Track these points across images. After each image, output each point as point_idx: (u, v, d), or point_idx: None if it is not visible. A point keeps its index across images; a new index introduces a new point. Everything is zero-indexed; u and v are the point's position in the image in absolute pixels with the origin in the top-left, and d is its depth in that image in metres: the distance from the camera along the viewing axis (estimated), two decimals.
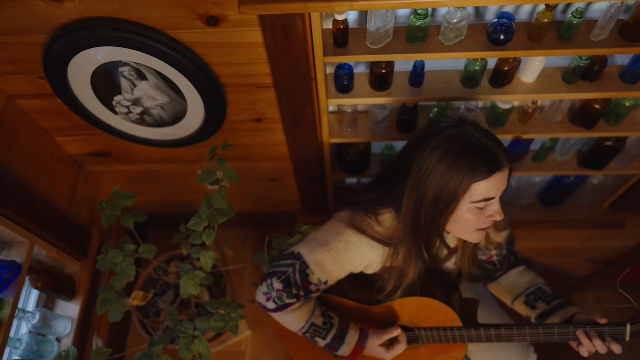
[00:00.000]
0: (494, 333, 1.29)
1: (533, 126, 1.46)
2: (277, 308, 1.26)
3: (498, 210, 1.08)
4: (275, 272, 1.24)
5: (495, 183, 1.03)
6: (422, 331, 1.38)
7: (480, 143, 1.02)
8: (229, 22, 1.08)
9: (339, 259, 1.21)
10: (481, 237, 1.14)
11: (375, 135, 1.48)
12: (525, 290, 1.43)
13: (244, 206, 2.03)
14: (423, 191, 1.07)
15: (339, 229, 1.21)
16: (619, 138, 1.49)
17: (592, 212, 1.88)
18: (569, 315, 1.30)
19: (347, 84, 1.29)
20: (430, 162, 1.04)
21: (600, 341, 1.15)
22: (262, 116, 1.41)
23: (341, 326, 1.33)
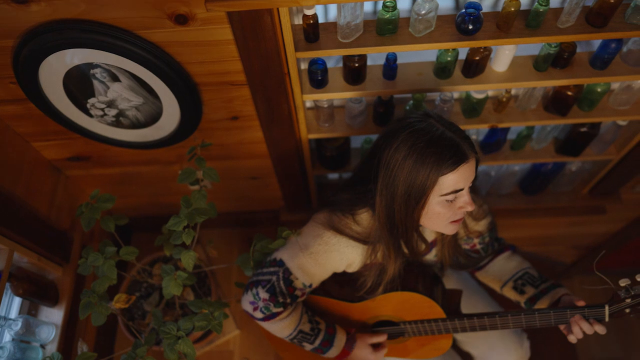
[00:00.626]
0: (477, 323, 1.31)
1: (508, 115, 1.47)
2: (264, 317, 1.27)
3: (468, 201, 1.09)
4: (260, 281, 1.26)
5: (462, 174, 1.05)
6: (408, 325, 1.40)
7: (444, 136, 1.04)
8: (198, 20, 1.08)
9: (320, 261, 1.22)
10: (455, 229, 1.16)
11: (352, 130, 1.49)
12: (512, 276, 1.44)
13: (228, 206, 2.03)
14: (393, 188, 1.09)
15: (317, 231, 1.22)
16: (593, 124, 1.51)
17: (572, 199, 1.90)
18: (557, 297, 1.32)
19: (321, 79, 1.30)
20: (396, 158, 1.06)
21: (586, 323, 1.17)
22: (239, 114, 1.41)
23: (328, 331, 1.36)
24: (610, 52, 1.24)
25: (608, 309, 1.15)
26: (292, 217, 1.96)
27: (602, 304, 1.16)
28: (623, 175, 1.72)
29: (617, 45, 1.22)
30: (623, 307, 1.14)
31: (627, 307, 1.13)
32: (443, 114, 1.46)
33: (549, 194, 1.91)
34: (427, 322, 1.36)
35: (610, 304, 1.15)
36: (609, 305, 1.15)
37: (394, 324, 1.43)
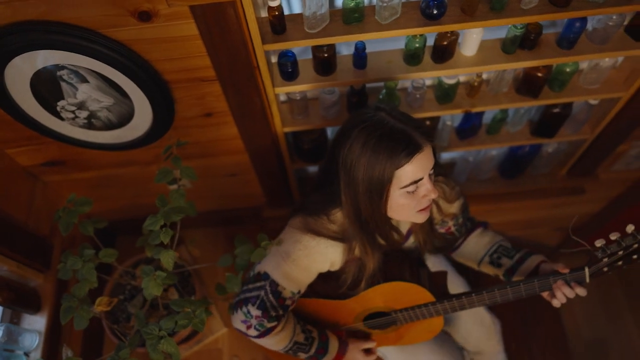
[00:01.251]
0: (466, 301, 1.32)
1: (481, 99, 1.48)
2: (259, 334, 1.27)
3: (430, 189, 1.09)
4: (249, 298, 1.24)
5: (419, 164, 1.04)
6: (399, 313, 1.41)
7: (395, 129, 1.03)
8: (161, 16, 1.07)
9: (303, 266, 1.22)
10: (425, 217, 1.16)
11: (327, 121, 1.49)
12: (487, 251, 1.46)
13: (210, 204, 2.02)
14: (354, 187, 1.09)
15: (295, 236, 1.22)
16: (565, 104, 1.52)
17: (551, 181, 1.92)
18: (534, 265, 1.33)
19: (292, 71, 1.30)
20: (352, 157, 1.06)
21: (568, 287, 1.20)
22: (212, 110, 1.41)
23: (321, 338, 1.37)
24: (575, 31, 1.25)
25: (588, 270, 1.18)
26: (275, 213, 1.96)
27: (582, 267, 1.18)
28: (599, 154, 1.74)
29: (581, 24, 1.24)
30: (601, 266, 1.17)
31: (605, 266, 1.17)
32: (416, 101, 1.47)
33: (527, 176, 1.93)
34: (417, 308, 1.37)
35: (589, 265, 1.18)
36: (588, 267, 1.18)
37: (385, 314, 1.43)
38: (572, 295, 1.21)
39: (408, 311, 1.39)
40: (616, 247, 1.12)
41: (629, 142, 1.73)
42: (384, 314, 1.43)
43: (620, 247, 1.11)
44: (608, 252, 1.13)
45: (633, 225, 1.12)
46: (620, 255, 1.14)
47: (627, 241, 1.11)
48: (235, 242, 1.49)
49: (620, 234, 1.13)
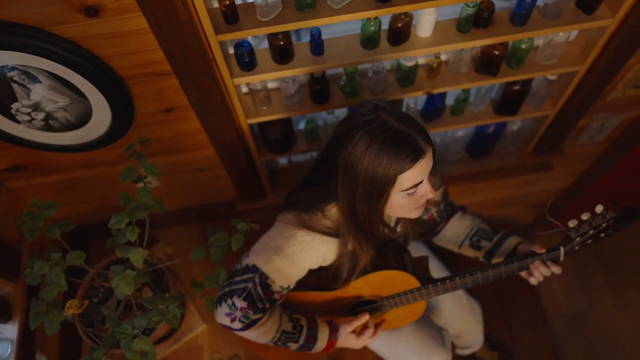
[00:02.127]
0: (449, 285, 1.35)
1: (441, 80, 1.49)
2: (244, 326, 1.23)
3: (429, 190, 1.10)
4: (235, 290, 1.20)
5: (421, 169, 1.05)
6: (385, 300, 1.42)
7: (399, 133, 1.02)
8: (109, 10, 1.06)
9: (296, 262, 1.20)
10: (420, 212, 1.18)
11: (291, 110, 1.49)
12: (467, 234, 1.50)
13: (183, 202, 2.01)
14: (353, 188, 1.08)
15: (289, 231, 1.19)
16: (524, 81, 1.54)
17: (518, 158, 1.95)
18: (512, 246, 1.39)
19: (249, 61, 1.29)
20: (354, 160, 1.04)
21: (544, 267, 1.26)
22: (172, 105, 1.39)
23: (310, 325, 1.33)
24: (527, 7, 1.27)
25: (563, 250, 1.24)
26: (248, 207, 1.95)
27: (557, 247, 1.24)
28: (562, 129, 1.77)
29: (532, 0, 1.25)
30: (574, 245, 1.23)
31: (577, 245, 1.23)
32: (378, 85, 1.47)
33: (495, 155, 1.95)
34: (403, 294, 1.38)
35: (564, 244, 1.24)
36: (563, 247, 1.23)
37: (371, 302, 1.44)
38: (549, 273, 1.26)
39: (394, 298, 1.40)
40: (587, 227, 1.18)
41: (590, 116, 1.76)
42: (371, 302, 1.44)
43: (591, 226, 1.17)
44: (580, 231, 1.18)
45: (602, 205, 1.17)
46: (591, 234, 1.19)
47: (597, 221, 1.17)
48: (208, 233, 1.49)
49: (591, 214, 1.18)
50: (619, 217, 1.19)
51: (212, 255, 1.46)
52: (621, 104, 1.71)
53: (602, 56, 1.42)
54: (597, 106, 1.70)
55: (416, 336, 1.62)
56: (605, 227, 1.20)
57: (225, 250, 1.46)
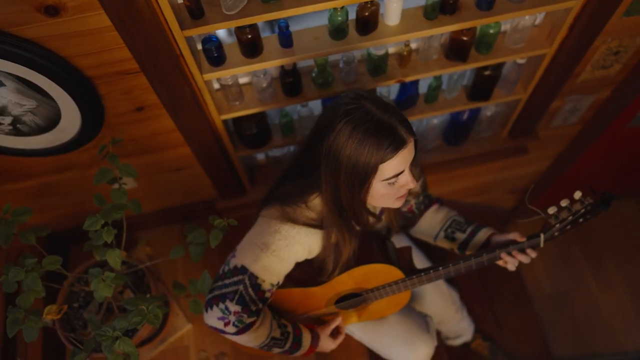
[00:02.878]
0: (433, 275, 1.37)
1: (412, 68, 1.50)
2: (238, 331, 1.20)
3: (410, 180, 1.11)
4: (226, 294, 1.18)
5: (402, 158, 1.05)
6: (370, 292, 1.43)
7: (381, 122, 1.02)
8: (69, 9, 1.04)
9: (283, 257, 1.19)
10: (402, 202, 1.19)
11: (264, 104, 1.49)
12: (442, 226, 1.53)
13: (163, 202, 1.99)
14: (336, 176, 1.09)
15: (273, 226, 1.18)
16: (494, 66, 1.56)
17: (494, 143, 1.97)
18: (485, 237, 1.43)
19: (218, 56, 1.28)
20: (336, 149, 1.05)
21: (523, 255, 1.30)
22: (143, 104, 1.38)
23: (295, 332, 1.35)
24: None
25: (543, 236, 1.27)
26: (228, 204, 1.94)
27: (537, 234, 1.28)
28: (535, 112, 1.80)
29: None
30: (554, 231, 1.26)
31: (556, 231, 1.27)
32: (350, 75, 1.48)
33: (472, 141, 1.97)
34: (387, 286, 1.39)
35: (544, 231, 1.27)
36: (543, 233, 1.27)
37: (356, 295, 1.45)
38: (528, 260, 1.30)
39: (379, 290, 1.41)
40: (566, 213, 1.21)
41: (562, 98, 1.79)
42: (355, 295, 1.44)
43: (570, 212, 1.21)
44: (560, 218, 1.22)
45: (580, 192, 1.20)
46: (570, 220, 1.23)
47: (576, 207, 1.20)
48: (185, 231, 1.48)
49: (570, 200, 1.21)
50: (597, 203, 1.22)
51: (191, 254, 1.45)
52: (591, 85, 1.74)
53: (568, 38, 1.44)
54: (568, 88, 1.72)
55: (400, 324, 1.64)
56: (583, 212, 1.23)
57: (204, 248, 1.46)
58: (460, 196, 2.51)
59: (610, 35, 1.49)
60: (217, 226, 1.37)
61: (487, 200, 2.65)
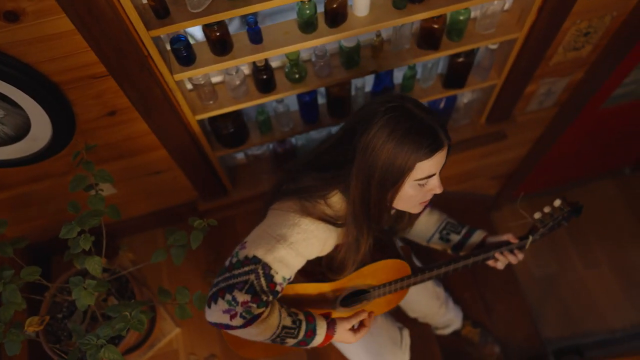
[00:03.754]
0: (435, 272, 1.42)
1: (386, 59, 1.50)
2: (245, 323, 1.13)
3: (437, 184, 1.13)
4: (234, 285, 1.11)
5: (437, 160, 1.08)
6: (376, 290, 1.43)
7: (423, 123, 1.05)
8: (29, 14, 1.02)
9: (300, 251, 1.15)
10: (422, 208, 1.20)
11: (238, 102, 1.47)
12: (437, 228, 1.58)
13: (144, 207, 1.97)
14: (370, 172, 1.08)
15: (292, 220, 1.15)
16: (467, 52, 1.56)
17: (473, 130, 1.98)
18: (480, 239, 1.51)
19: (187, 55, 1.27)
20: (375, 143, 1.05)
21: (512, 255, 1.41)
22: (114, 108, 1.36)
23: (308, 319, 1.27)
24: None
25: (531, 238, 1.39)
26: (210, 206, 1.93)
27: (526, 236, 1.40)
28: (511, 96, 1.81)
29: None
30: (537, 235, 1.39)
31: (539, 235, 1.39)
32: (323, 69, 1.47)
33: (451, 129, 1.97)
34: (394, 282, 1.41)
35: (532, 234, 1.39)
36: (532, 235, 1.38)
37: (362, 291, 1.43)
38: (516, 261, 1.41)
39: (385, 287, 1.41)
40: (549, 219, 1.36)
41: (537, 81, 1.80)
42: (360, 292, 1.43)
43: (552, 218, 1.36)
44: (544, 222, 1.36)
45: (559, 200, 1.36)
46: (550, 225, 1.37)
47: (556, 213, 1.35)
48: (166, 234, 1.46)
49: (551, 207, 1.35)
50: (571, 210, 1.36)
51: (173, 256, 1.44)
52: (564, 67, 1.75)
53: (538, 21, 1.44)
54: (541, 71, 1.74)
55: (373, 336, 1.62)
56: (560, 219, 1.36)
57: (185, 250, 1.44)
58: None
59: (579, 16, 1.50)
60: (197, 227, 1.36)
61: (470, 188, 2.67)
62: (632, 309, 2.71)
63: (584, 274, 2.83)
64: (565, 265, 2.85)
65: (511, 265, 2.71)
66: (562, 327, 2.67)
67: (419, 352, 2.02)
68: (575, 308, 2.73)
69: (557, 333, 2.64)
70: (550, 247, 2.90)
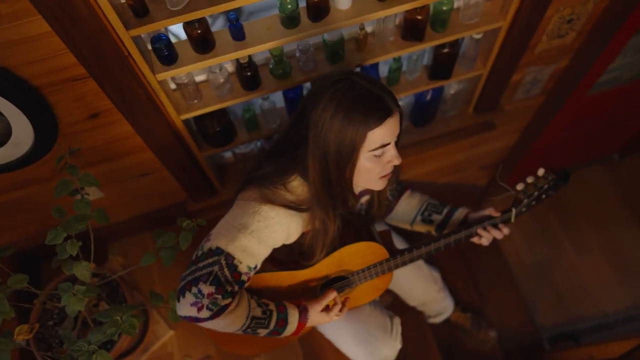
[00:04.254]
0: (415, 253, 1.39)
1: (370, 52, 1.49)
2: (212, 315, 1.13)
3: (395, 155, 1.12)
4: (199, 277, 1.11)
5: (389, 128, 1.07)
6: (355, 275, 1.42)
7: (369, 92, 1.05)
8: (4, 16, 1.00)
9: (262, 239, 1.15)
10: (384, 184, 1.20)
11: (223, 100, 1.46)
12: (418, 210, 1.55)
13: (133, 209, 1.95)
14: (324, 148, 1.08)
15: (252, 208, 1.15)
16: (452, 43, 1.55)
17: (461, 121, 1.98)
18: (462, 216, 1.46)
19: (169, 54, 1.25)
20: (325, 118, 1.06)
21: (496, 230, 1.36)
22: (97, 110, 1.34)
23: (279, 309, 1.27)
24: None
25: (514, 211, 1.34)
26: (200, 206, 1.91)
27: (509, 209, 1.35)
28: (497, 86, 1.80)
29: None
30: (523, 206, 1.34)
31: (524, 207, 1.34)
32: (308, 64, 1.46)
33: (438, 121, 1.97)
34: (373, 267, 1.40)
35: (515, 206, 1.33)
36: (514, 208, 1.34)
37: (342, 278, 1.43)
38: (501, 236, 1.36)
39: (364, 271, 1.41)
40: (533, 189, 1.30)
41: (522, 70, 1.80)
42: (340, 279, 1.43)
43: (536, 187, 1.30)
44: (528, 193, 1.30)
45: (543, 168, 1.30)
46: (535, 195, 1.31)
47: (540, 182, 1.30)
48: (154, 236, 1.45)
49: (534, 177, 1.30)
50: (557, 178, 1.30)
51: (163, 258, 1.43)
52: (549, 55, 1.76)
53: (521, 9, 1.44)
54: (526, 60, 1.74)
55: (362, 323, 1.60)
56: (546, 188, 1.31)
57: (175, 252, 1.43)
58: (434, 177, 2.52)
59: (562, 3, 1.51)
60: (185, 228, 1.35)
61: (460, 179, 2.67)
62: (624, 293, 2.73)
63: (575, 259, 2.85)
64: (557, 251, 2.87)
65: (503, 253, 2.73)
66: (556, 314, 2.68)
67: (413, 341, 2.03)
68: (568, 294, 2.75)
69: (551, 320, 2.65)
70: (541, 233, 2.91)
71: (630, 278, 2.77)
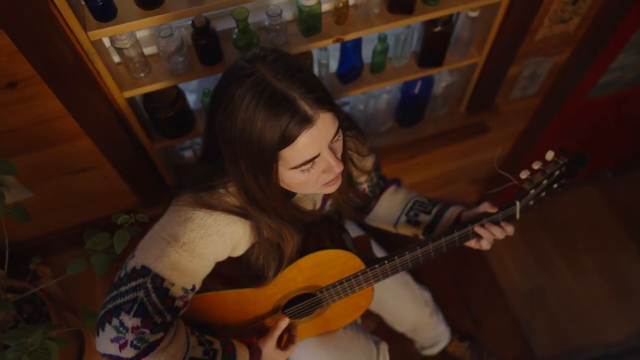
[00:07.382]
0: (398, 261, 1.12)
1: (352, 25, 1.28)
2: (139, 354, 0.89)
3: (332, 164, 0.87)
4: (121, 305, 0.88)
5: (311, 141, 0.82)
6: (325, 291, 1.15)
7: (276, 94, 0.79)
8: None
9: (198, 252, 0.91)
10: (335, 187, 0.94)
11: (177, 75, 1.22)
12: (403, 209, 1.29)
13: (73, 216, 1.65)
14: (237, 164, 0.86)
15: (184, 214, 0.92)
16: (445, 20, 1.37)
17: (452, 120, 1.78)
18: (454, 216, 1.20)
19: (104, 5, 1.01)
20: (228, 129, 0.83)
21: (497, 227, 1.09)
22: (14, 78, 1.08)
23: (226, 349, 1.02)
24: None
25: (519, 204, 1.09)
26: (153, 212, 1.63)
27: (512, 202, 1.09)
28: (492, 79, 1.62)
29: None
30: (529, 199, 1.09)
31: (532, 199, 1.10)
32: (279, 36, 1.24)
33: (427, 120, 1.77)
34: (346, 280, 1.13)
35: (519, 198, 1.09)
36: (519, 201, 1.08)
37: (309, 295, 1.17)
38: (502, 235, 1.09)
39: (336, 286, 1.15)
40: (541, 176, 1.05)
41: (520, 62, 1.62)
42: (307, 296, 1.17)
43: (545, 175, 1.05)
44: (535, 182, 1.06)
45: (552, 151, 1.04)
46: (545, 184, 1.07)
47: (550, 168, 1.05)
48: (85, 237, 1.18)
49: (542, 162, 1.05)
50: (571, 162, 1.06)
51: (94, 265, 1.15)
52: (550, 43, 1.58)
53: None
54: (526, 48, 1.56)
55: (342, 351, 1.31)
56: (558, 174, 1.06)
57: (109, 257, 1.16)
58: (421, 189, 2.28)
59: None
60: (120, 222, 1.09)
61: (450, 194, 2.46)
62: (626, 320, 2.52)
63: (572, 284, 2.64)
64: (552, 275, 2.66)
65: (497, 279, 2.50)
66: (555, 343, 2.44)
67: None
68: (566, 321, 2.52)
69: (550, 350, 2.41)
70: (535, 258, 2.71)
71: (630, 304, 2.56)
